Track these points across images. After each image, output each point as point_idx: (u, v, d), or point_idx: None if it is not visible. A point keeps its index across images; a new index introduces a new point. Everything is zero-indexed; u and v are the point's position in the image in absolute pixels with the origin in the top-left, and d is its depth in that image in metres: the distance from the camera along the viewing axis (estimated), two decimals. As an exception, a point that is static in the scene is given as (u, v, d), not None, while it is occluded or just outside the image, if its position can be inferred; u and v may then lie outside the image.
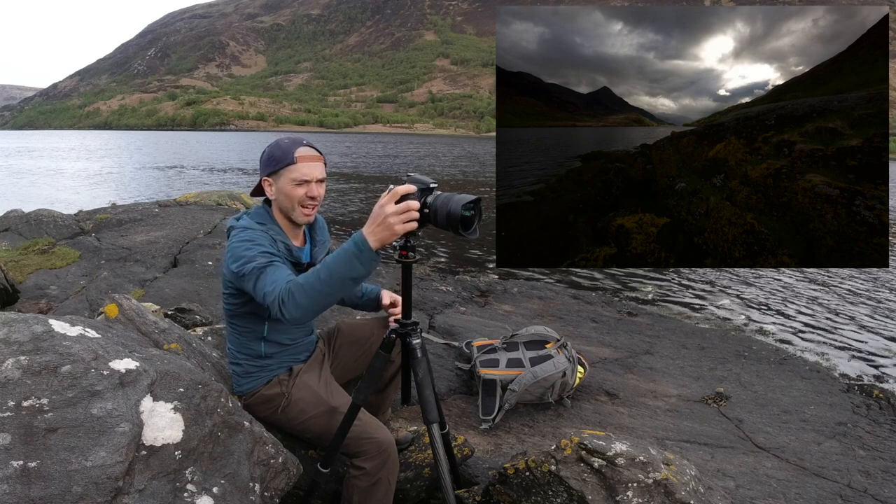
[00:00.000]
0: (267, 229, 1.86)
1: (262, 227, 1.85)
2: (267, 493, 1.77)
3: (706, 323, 6.32)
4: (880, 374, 5.40)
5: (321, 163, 1.91)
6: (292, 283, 1.62)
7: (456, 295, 5.09)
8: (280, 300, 1.61)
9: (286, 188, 1.86)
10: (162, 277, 4.78)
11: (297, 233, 1.99)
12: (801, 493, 2.40)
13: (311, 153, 1.89)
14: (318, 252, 2.04)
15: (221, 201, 8.66)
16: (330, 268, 1.57)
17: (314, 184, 1.88)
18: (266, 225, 1.88)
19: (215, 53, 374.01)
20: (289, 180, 1.86)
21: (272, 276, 1.69)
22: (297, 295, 1.59)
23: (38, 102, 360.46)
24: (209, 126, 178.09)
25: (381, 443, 1.85)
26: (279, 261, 1.76)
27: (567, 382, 3.02)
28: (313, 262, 1.98)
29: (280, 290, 1.62)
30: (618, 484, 1.81)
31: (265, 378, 1.99)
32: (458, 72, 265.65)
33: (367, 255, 1.54)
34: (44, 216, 6.53)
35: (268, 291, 1.65)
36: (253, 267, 1.71)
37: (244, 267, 1.73)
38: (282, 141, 1.91)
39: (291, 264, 1.87)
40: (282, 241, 1.87)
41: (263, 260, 1.73)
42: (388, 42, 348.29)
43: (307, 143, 1.91)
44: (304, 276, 1.62)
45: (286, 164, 1.85)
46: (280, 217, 1.94)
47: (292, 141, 1.90)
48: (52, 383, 1.43)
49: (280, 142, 1.91)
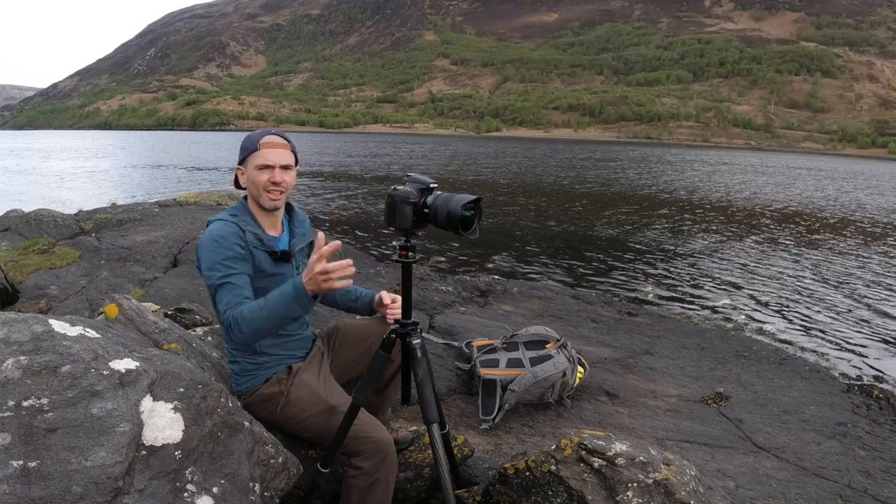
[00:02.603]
0: (238, 220, 1.92)
1: (233, 219, 1.92)
2: (267, 493, 1.77)
3: (706, 323, 6.31)
4: (880, 374, 5.39)
5: (287, 150, 1.97)
6: (238, 312, 1.75)
7: (456, 295, 5.09)
8: (227, 325, 1.77)
9: (252, 174, 1.94)
10: (162, 277, 4.78)
11: (274, 221, 2.04)
12: (801, 494, 2.40)
13: (276, 140, 1.96)
14: (297, 243, 2.08)
15: (221, 201, 8.67)
16: (271, 306, 1.72)
17: (277, 170, 1.94)
18: (238, 216, 1.94)
19: (215, 53, 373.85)
20: (254, 167, 1.93)
21: (226, 296, 1.80)
22: (242, 325, 1.74)
23: (38, 102, 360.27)
24: (209, 126, 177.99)
25: (380, 442, 1.85)
26: (237, 273, 1.84)
27: (567, 382, 3.02)
28: (290, 251, 2.03)
29: (228, 317, 1.77)
30: (618, 484, 1.81)
31: (264, 376, 1.99)
32: (458, 72, 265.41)
33: (304, 300, 1.69)
34: (44, 216, 6.53)
35: (220, 311, 1.80)
36: (212, 279, 1.82)
37: (207, 275, 1.84)
38: (253, 133, 2.00)
39: (266, 253, 1.93)
40: (251, 232, 1.92)
41: (219, 274, 1.82)
42: (388, 42, 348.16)
43: (276, 132, 1.99)
44: (249, 308, 1.75)
45: (251, 152, 1.94)
46: (254, 206, 2.00)
47: (262, 131, 1.98)
48: (52, 383, 1.43)
49: (251, 133, 2.00)
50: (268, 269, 1.94)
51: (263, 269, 1.92)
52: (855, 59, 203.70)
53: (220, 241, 1.85)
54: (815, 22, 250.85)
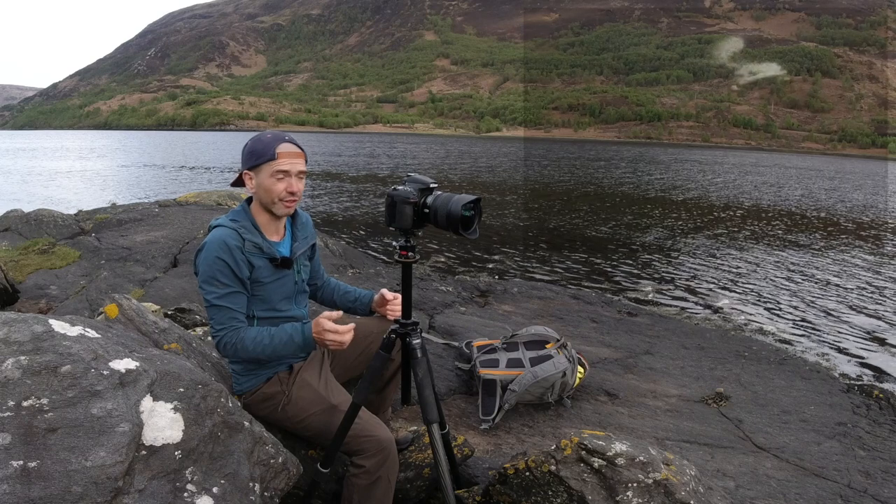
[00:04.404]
0: (238, 227, 1.87)
1: (234, 225, 1.88)
2: (267, 493, 1.77)
3: (706, 323, 6.31)
4: (880, 374, 5.40)
5: (302, 158, 1.93)
6: (238, 340, 1.83)
7: (456, 295, 5.09)
8: (222, 346, 1.85)
9: (266, 182, 1.88)
10: (162, 277, 4.78)
11: (278, 226, 2.00)
12: (801, 494, 2.40)
13: (293, 149, 1.90)
14: (299, 247, 2.04)
15: (221, 201, 8.67)
16: (275, 346, 1.83)
17: (294, 178, 1.90)
18: (239, 222, 1.89)
19: (215, 53, 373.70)
20: (269, 174, 1.87)
21: (219, 317, 1.85)
22: (240, 351, 1.84)
23: (38, 102, 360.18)
24: (209, 126, 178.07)
25: (381, 441, 1.85)
26: (234, 291, 1.84)
27: (567, 382, 3.02)
28: (292, 256, 1.98)
29: (225, 339, 1.84)
30: (618, 484, 1.81)
31: (265, 376, 1.99)
32: (458, 72, 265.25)
33: (309, 349, 1.86)
34: (44, 216, 6.53)
35: (216, 330, 1.85)
36: (208, 294, 1.84)
37: (203, 287, 1.86)
38: (263, 136, 1.92)
39: (267, 259, 1.90)
40: (250, 241, 1.87)
41: (215, 295, 1.83)
42: (388, 42, 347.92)
43: (289, 138, 1.92)
44: (252, 339, 1.83)
45: (267, 160, 1.86)
46: (259, 211, 1.95)
47: (274, 136, 1.91)
48: (52, 383, 1.43)
49: (262, 136, 1.92)
50: (267, 275, 1.91)
51: (262, 277, 1.90)
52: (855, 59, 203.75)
53: (221, 255, 1.81)
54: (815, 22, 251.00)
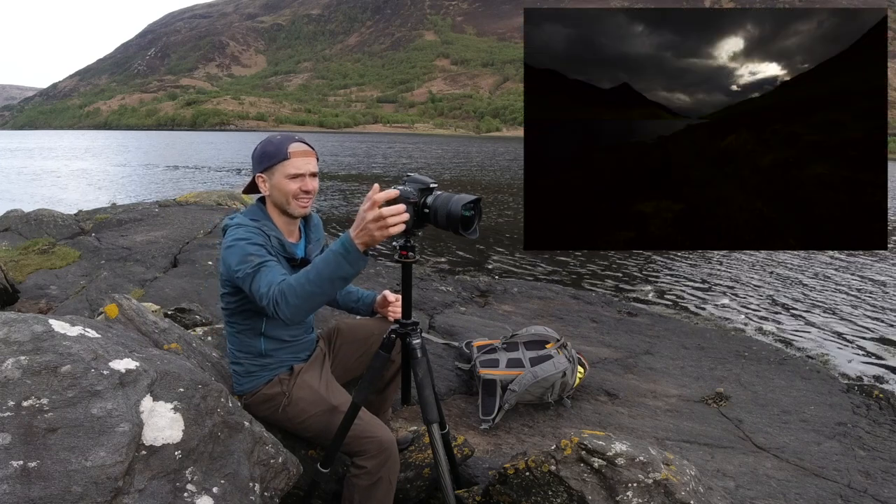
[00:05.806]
0: (261, 225, 1.88)
1: (255, 224, 1.88)
2: (267, 493, 1.77)
3: (706, 323, 6.31)
4: (880, 374, 5.40)
5: (314, 157, 1.95)
6: (284, 284, 1.65)
7: (456, 295, 5.09)
8: (274, 301, 1.65)
9: (280, 183, 1.89)
10: (162, 277, 4.78)
11: (293, 228, 2.01)
12: (801, 494, 2.40)
13: (304, 148, 1.92)
14: (313, 249, 2.06)
15: (221, 201, 8.67)
16: (319, 268, 1.59)
17: (308, 177, 1.91)
18: (259, 221, 1.90)
19: (215, 53, 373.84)
20: (283, 175, 1.88)
21: (266, 277, 1.71)
22: (289, 296, 1.62)
23: (38, 102, 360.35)
24: (209, 126, 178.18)
25: (382, 441, 1.85)
26: (273, 260, 1.79)
27: (567, 382, 3.02)
28: (307, 258, 1.99)
29: (274, 292, 1.65)
30: (618, 484, 1.81)
31: (266, 377, 1.99)
32: (458, 72, 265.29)
33: (353, 256, 1.56)
34: (44, 216, 6.53)
35: (263, 293, 1.69)
36: (248, 268, 1.74)
37: (240, 268, 1.76)
38: (273, 137, 1.94)
39: (286, 260, 1.90)
40: (275, 237, 1.89)
41: (257, 260, 1.75)
42: (388, 42, 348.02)
43: (299, 138, 1.94)
44: (295, 277, 1.65)
45: (280, 160, 1.88)
46: (274, 213, 1.96)
47: (284, 137, 1.93)
48: (52, 383, 1.43)
49: (272, 138, 1.94)
50: None
51: None
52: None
53: (250, 237, 1.81)
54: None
